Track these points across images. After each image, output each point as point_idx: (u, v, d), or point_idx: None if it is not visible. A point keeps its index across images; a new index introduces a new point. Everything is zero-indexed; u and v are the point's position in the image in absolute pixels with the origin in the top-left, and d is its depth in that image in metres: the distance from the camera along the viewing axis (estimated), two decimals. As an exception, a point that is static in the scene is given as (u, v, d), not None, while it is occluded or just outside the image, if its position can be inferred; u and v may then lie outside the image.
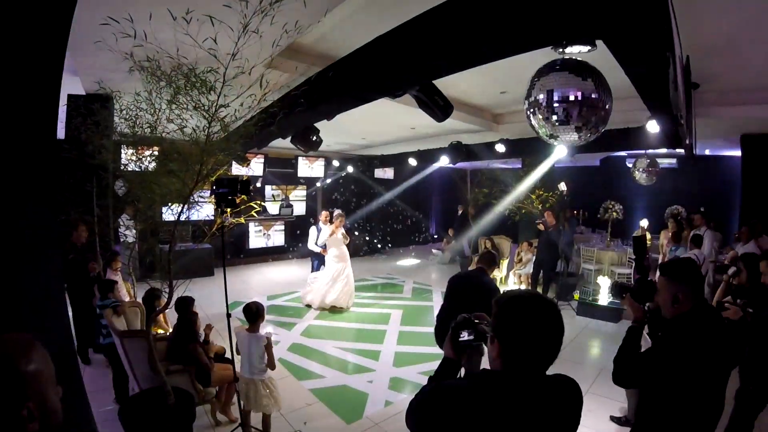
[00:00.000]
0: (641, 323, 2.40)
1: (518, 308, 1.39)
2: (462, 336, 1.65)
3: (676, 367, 2.02)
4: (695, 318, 2.12)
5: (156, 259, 3.53)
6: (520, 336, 1.36)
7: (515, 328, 1.37)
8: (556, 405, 1.39)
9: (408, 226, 16.43)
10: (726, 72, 5.09)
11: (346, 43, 3.80)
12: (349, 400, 4.85)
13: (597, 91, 2.38)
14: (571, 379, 1.49)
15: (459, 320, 1.68)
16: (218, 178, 3.56)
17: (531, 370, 1.37)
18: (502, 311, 1.41)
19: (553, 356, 1.38)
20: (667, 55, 2.60)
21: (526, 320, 1.36)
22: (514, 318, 1.38)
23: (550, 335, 1.36)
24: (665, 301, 2.20)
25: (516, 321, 1.37)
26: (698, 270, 2.28)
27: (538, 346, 1.36)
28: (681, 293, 2.14)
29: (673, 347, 2.08)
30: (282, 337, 6.73)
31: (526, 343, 1.36)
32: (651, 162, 7.86)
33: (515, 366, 1.37)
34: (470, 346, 1.65)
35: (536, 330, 1.35)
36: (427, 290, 9.83)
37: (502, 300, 1.43)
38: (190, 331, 4.10)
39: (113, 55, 3.44)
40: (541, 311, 1.37)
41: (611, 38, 2.38)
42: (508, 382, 1.35)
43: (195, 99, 3.23)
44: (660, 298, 2.26)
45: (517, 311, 1.38)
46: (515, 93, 6.57)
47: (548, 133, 2.51)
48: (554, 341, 1.37)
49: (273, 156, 11.88)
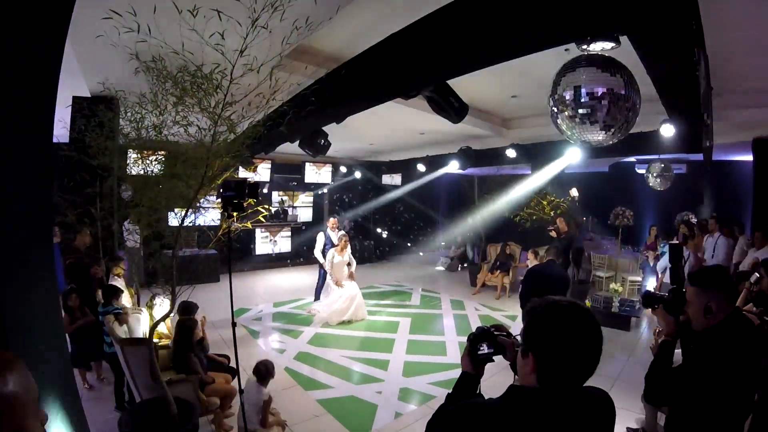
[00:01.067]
0: (675, 337, 2.22)
1: (556, 318, 1.23)
2: (481, 349, 1.55)
3: (711, 382, 1.87)
4: (729, 329, 1.97)
5: (158, 265, 3.41)
6: (559, 348, 1.21)
7: (553, 339, 1.22)
8: (594, 421, 1.26)
9: (415, 232, 16.29)
10: (740, 74, 4.94)
11: (359, 43, 3.69)
12: (358, 411, 4.69)
13: (626, 87, 2.24)
14: (604, 392, 1.36)
15: (477, 332, 1.58)
16: (225, 181, 3.44)
17: (569, 385, 1.23)
18: (538, 321, 1.26)
19: (592, 369, 1.24)
20: (697, 49, 2.48)
21: (564, 331, 1.21)
22: (552, 329, 1.23)
23: (590, 347, 1.22)
24: (696, 312, 2.05)
25: (554, 332, 1.22)
26: (730, 277, 2.13)
27: (578, 359, 1.22)
28: (713, 303, 1.99)
29: (708, 362, 1.92)
30: (288, 346, 6.59)
31: (565, 356, 1.21)
32: (665, 167, 7.70)
33: (553, 382, 1.22)
34: (490, 359, 1.55)
35: (576, 341, 1.21)
36: (435, 298, 9.67)
37: (537, 309, 1.27)
38: (186, 339, 3.98)
39: (118, 55, 3.37)
40: (581, 320, 1.23)
41: (640, 31, 2.26)
42: (546, 400, 1.21)
43: (201, 99, 3.14)
44: (690, 309, 2.10)
45: (555, 321, 1.23)
46: (526, 97, 6.47)
47: (575, 133, 2.37)
48: (594, 353, 1.22)
49: (280, 161, 11.79)
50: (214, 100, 3.10)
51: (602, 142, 2.41)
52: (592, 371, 1.24)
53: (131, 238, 5.53)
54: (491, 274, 10.02)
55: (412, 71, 3.13)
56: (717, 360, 1.90)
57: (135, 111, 3.65)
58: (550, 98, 2.41)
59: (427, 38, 2.87)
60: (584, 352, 1.22)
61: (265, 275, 11.91)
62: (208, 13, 2.77)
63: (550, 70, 2.53)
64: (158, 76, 3.30)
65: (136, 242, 5.43)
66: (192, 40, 2.95)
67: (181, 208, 3.50)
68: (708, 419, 1.93)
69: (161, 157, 3.96)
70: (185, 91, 3.17)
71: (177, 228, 3.51)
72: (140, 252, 5.62)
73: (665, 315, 2.25)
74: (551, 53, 3.02)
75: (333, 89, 3.60)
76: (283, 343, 6.68)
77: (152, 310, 4.35)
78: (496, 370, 1.94)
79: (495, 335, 1.56)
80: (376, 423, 4.45)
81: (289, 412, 4.44)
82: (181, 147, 3.54)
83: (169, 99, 3.34)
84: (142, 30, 2.95)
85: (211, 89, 3.09)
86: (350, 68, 3.49)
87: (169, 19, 2.82)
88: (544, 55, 3.05)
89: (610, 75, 2.24)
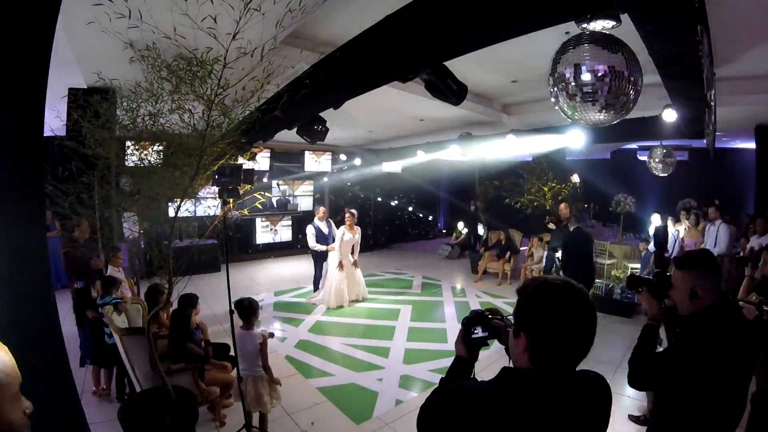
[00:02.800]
0: (659, 321, 2.20)
1: (548, 296, 1.20)
2: (476, 333, 1.52)
3: (696, 368, 1.85)
4: (716, 314, 1.94)
5: (154, 255, 3.38)
6: (551, 327, 1.18)
7: (545, 318, 1.19)
8: (588, 405, 1.23)
9: (416, 220, 16.26)
10: (742, 58, 4.85)
11: (355, 28, 3.62)
12: (359, 398, 4.69)
13: (627, 65, 2.19)
14: (600, 375, 1.33)
15: (471, 316, 1.55)
16: (220, 167, 3.40)
17: (563, 366, 1.20)
18: (530, 300, 1.22)
19: (586, 350, 1.21)
20: (700, 27, 2.42)
21: (557, 309, 1.18)
22: (545, 307, 1.19)
23: (583, 326, 1.19)
24: (682, 296, 2.03)
25: (546, 310, 1.19)
26: (716, 261, 2.09)
27: (571, 338, 1.19)
28: (699, 287, 1.97)
29: (693, 347, 1.89)
30: (289, 334, 6.59)
31: (557, 335, 1.18)
32: (667, 152, 7.63)
33: (546, 363, 1.19)
34: (484, 343, 1.52)
35: (569, 320, 1.18)
36: (436, 285, 9.65)
37: (530, 287, 1.24)
38: (183, 329, 3.97)
39: (113, 44, 3.31)
40: (574, 299, 1.19)
41: (641, 8, 2.20)
42: (538, 382, 1.18)
43: (195, 86, 3.09)
44: (676, 293, 2.08)
45: (548, 299, 1.20)
46: (526, 82, 6.39)
47: (575, 113, 2.32)
48: (587, 333, 1.20)
49: (279, 150, 11.73)
50: (208, 85, 3.06)
51: (603, 121, 2.35)
52: (585, 352, 1.21)
53: (128, 227, 5.49)
54: (494, 257, 10.00)
55: (409, 53, 3.06)
56: (702, 346, 1.87)
57: (131, 100, 3.61)
58: (550, 77, 2.35)
59: (423, 19, 2.80)
60: (577, 332, 1.19)
61: (265, 264, 11.91)
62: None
63: (550, 53, 2.46)
64: (153, 64, 3.26)
65: (134, 231, 5.40)
66: (185, 25, 2.90)
67: (177, 197, 3.47)
68: (693, 407, 1.91)
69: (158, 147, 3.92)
70: (180, 79, 3.13)
71: (173, 218, 3.48)
72: (139, 242, 5.59)
73: (649, 298, 2.25)
74: (551, 35, 2.95)
75: (328, 73, 3.54)
76: (284, 332, 6.68)
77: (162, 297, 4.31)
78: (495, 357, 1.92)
79: (489, 319, 1.53)
80: (376, 410, 4.44)
81: (290, 400, 4.44)
82: (177, 136, 3.50)
83: (165, 87, 3.30)
84: (134, 16, 2.90)
85: (205, 75, 3.04)
86: (345, 51, 3.43)
87: (160, 5, 2.78)
88: (545, 37, 2.99)
89: (611, 52, 2.18)
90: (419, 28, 2.87)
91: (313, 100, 3.92)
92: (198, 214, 6.39)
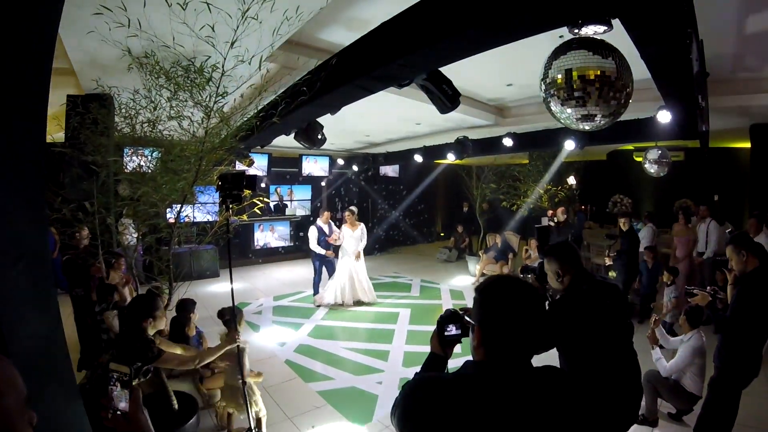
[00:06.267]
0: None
1: (497, 292, 1.35)
2: (449, 330, 1.61)
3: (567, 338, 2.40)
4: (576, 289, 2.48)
5: (155, 261, 3.41)
6: (501, 320, 1.31)
7: (495, 312, 1.32)
8: (545, 396, 1.28)
9: (413, 223, 16.27)
10: (736, 59, 4.90)
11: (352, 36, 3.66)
12: (359, 402, 4.71)
13: (618, 70, 2.23)
14: (561, 370, 1.42)
15: (446, 314, 1.64)
16: (223, 174, 3.43)
17: (514, 357, 1.29)
18: (482, 296, 1.37)
19: (535, 342, 1.32)
20: (689, 30, 2.47)
21: (505, 304, 1.31)
22: (494, 302, 1.34)
23: (528, 319, 1.30)
24: (551, 279, 2.59)
25: (496, 305, 1.33)
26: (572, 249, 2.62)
27: (519, 330, 1.30)
28: (560, 270, 2.51)
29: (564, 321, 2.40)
30: (289, 339, 6.60)
31: (506, 327, 1.30)
32: (662, 153, 7.68)
33: (497, 354, 1.30)
34: (458, 340, 1.61)
35: (516, 313, 1.29)
36: (435, 288, 9.68)
37: (482, 285, 1.40)
38: (180, 335, 3.99)
39: (112, 51, 3.34)
40: (520, 293, 1.32)
41: (630, 13, 2.24)
42: (491, 371, 1.28)
43: (193, 92, 3.13)
44: (549, 277, 2.61)
45: (497, 295, 1.35)
46: (521, 86, 6.44)
47: (567, 118, 2.36)
48: (533, 325, 1.31)
49: (277, 155, 11.76)
50: (206, 93, 3.10)
51: (595, 126, 2.40)
52: (535, 343, 1.32)
53: (127, 233, 5.52)
54: (492, 260, 10.02)
55: (404, 59, 3.10)
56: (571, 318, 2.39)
57: (129, 107, 3.64)
58: (542, 82, 2.39)
59: (417, 25, 2.84)
60: (522, 323, 1.30)
61: (264, 269, 11.89)
62: (198, 6, 2.76)
63: (541, 58, 2.52)
64: (151, 71, 3.29)
65: (133, 236, 5.42)
66: (183, 34, 2.93)
67: (176, 202, 3.51)
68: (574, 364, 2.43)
69: (157, 153, 3.94)
70: (179, 86, 3.17)
71: (173, 223, 3.51)
72: (137, 248, 5.61)
73: (535, 282, 2.87)
74: (545, 40, 2.99)
75: (324, 80, 3.58)
76: (283, 336, 6.69)
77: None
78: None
79: (462, 317, 1.61)
80: (376, 413, 4.46)
81: (290, 404, 4.46)
82: (176, 143, 3.53)
83: (163, 94, 3.33)
84: (134, 25, 2.94)
85: (203, 82, 3.09)
86: (341, 58, 3.47)
87: (159, 14, 2.81)
88: (538, 41, 3.03)
89: (602, 57, 2.23)
90: (413, 35, 2.91)
91: (309, 105, 3.96)
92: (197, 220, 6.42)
